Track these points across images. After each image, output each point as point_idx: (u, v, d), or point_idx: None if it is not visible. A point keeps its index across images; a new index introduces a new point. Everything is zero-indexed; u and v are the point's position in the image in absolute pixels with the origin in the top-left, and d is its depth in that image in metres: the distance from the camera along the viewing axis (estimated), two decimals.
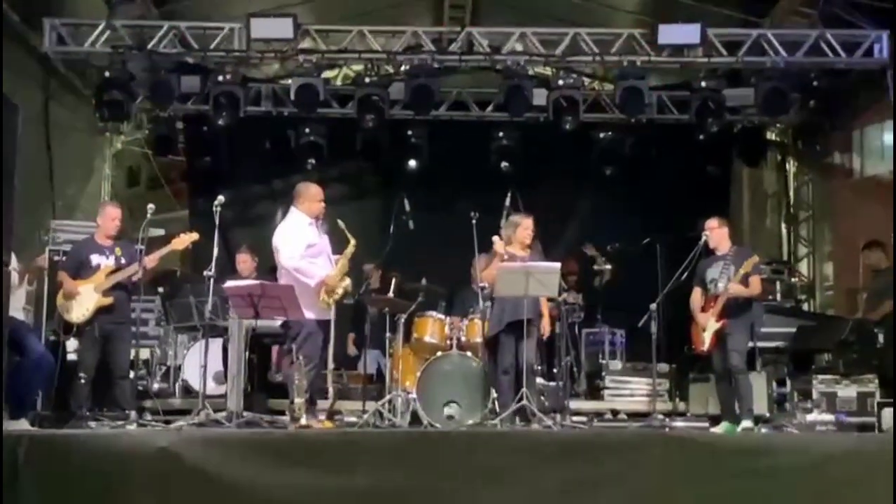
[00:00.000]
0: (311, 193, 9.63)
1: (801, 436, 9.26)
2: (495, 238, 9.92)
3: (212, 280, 9.71)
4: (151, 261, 9.86)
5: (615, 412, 11.67)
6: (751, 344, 10.20)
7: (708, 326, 9.81)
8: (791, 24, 13.02)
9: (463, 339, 10.22)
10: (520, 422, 9.18)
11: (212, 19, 12.95)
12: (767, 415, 10.57)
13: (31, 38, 12.55)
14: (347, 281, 9.49)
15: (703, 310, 9.91)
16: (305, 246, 9.43)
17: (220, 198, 9.77)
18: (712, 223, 10.12)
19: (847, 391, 10.31)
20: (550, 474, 7.24)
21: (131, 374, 10.47)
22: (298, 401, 8.99)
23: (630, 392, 11.89)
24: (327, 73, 14.16)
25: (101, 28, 12.60)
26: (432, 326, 10.46)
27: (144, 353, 12.05)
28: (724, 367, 9.81)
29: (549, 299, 10.24)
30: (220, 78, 13.29)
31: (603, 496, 7.21)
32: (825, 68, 13.06)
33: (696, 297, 10.04)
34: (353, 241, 9.47)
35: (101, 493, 6.88)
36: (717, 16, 13.09)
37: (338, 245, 9.69)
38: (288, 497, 7.00)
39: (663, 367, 11.48)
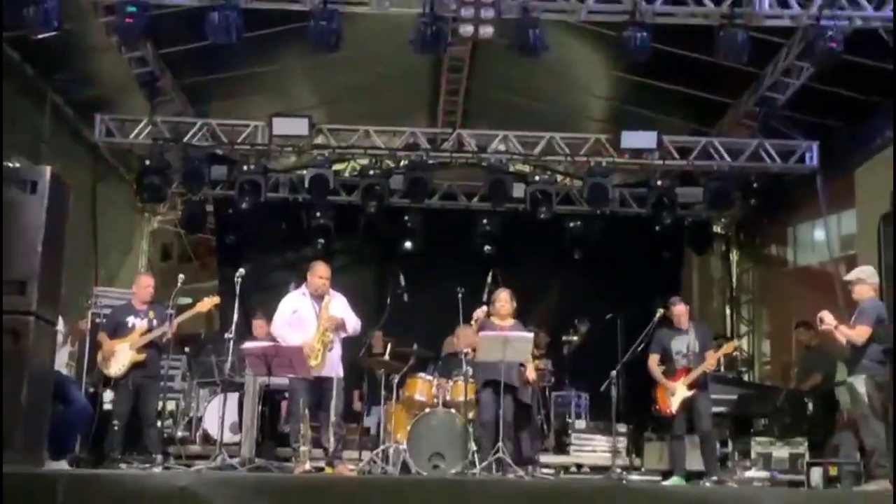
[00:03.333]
0: (312, 271, 9.60)
1: (740, 489, 9.22)
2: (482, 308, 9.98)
3: (231, 341, 9.73)
4: (180, 322, 9.87)
5: (579, 466, 11.60)
6: None
7: (678, 392, 9.84)
8: (735, 133, 13.17)
9: (448, 397, 10.20)
10: (496, 472, 9.12)
11: (239, 118, 13.09)
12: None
13: (83, 129, 12.68)
14: (322, 340, 9.21)
15: (675, 377, 9.93)
16: (290, 312, 9.47)
17: (241, 270, 9.82)
18: (680, 308, 10.21)
19: (780, 452, 10.31)
20: None
21: (159, 423, 10.40)
22: (303, 449, 8.95)
23: (592, 448, 11.81)
24: (337, 166, 14.28)
25: (143, 123, 12.72)
26: (421, 386, 10.43)
27: (171, 405, 11.96)
28: (686, 428, 9.84)
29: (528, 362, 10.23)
30: (245, 168, 13.42)
31: None
32: (764, 172, 13.22)
33: (654, 363, 10.08)
34: (326, 301, 9.38)
35: None
36: (671, 124, 13.25)
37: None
38: None
39: (622, 426, 11.43)
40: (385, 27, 10.43)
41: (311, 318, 9.36)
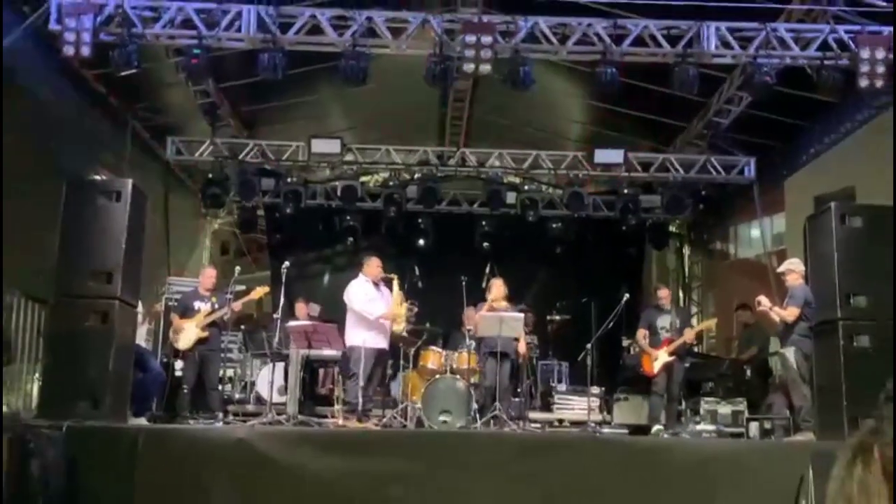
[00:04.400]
0: (370, 263, 9.80)
1: (692, 440, 9.23)
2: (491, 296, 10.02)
3: (278, 321, 9.73)
4: (237, 306, 9.88)
5: (561, 421, 11.58)
6: None
7: (660, 357, 9.88)
8: (687, 150, 13.15)
9: (454, 366, 10.20)
10: (493, 426, 9.13)
11: (283, 139, 13.07)
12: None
13: (157, 149, 12.69)
14: (404, 308, 9.69)
15: (659, 347, 9.96)
16: (363, 294, 9.62)
17: (287, 263, 9.88)
18: (664, 292, 10.48)
19: (724, 409, 10.28)
20: (515, 464, 7.19)
21: (220, 387, 10.42)
22: (338, 407, 8.96)
23: (572, 407, 11.77)
24: (363, 178, 14.28)
25: (206, 144, 12.72)
26: (433, 357, 10.41)
27: (230, 372, 11.97)
28: (665, 388, 9.87)
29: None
30: (289, 180, 13.49)
31: (553, 479, 7.14)
32: (710, 182, 13.19)
33: (641, 335, 10.20)
34: (395, 284, 9.72)
35: (197, 468, 6.86)
36: (635, 144, 13.24)
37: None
38: (328, 474, 6.96)
39: (595, 389, 11.40)
40: (403, 65, 10.42)
41: (377, 298, 9.61)
